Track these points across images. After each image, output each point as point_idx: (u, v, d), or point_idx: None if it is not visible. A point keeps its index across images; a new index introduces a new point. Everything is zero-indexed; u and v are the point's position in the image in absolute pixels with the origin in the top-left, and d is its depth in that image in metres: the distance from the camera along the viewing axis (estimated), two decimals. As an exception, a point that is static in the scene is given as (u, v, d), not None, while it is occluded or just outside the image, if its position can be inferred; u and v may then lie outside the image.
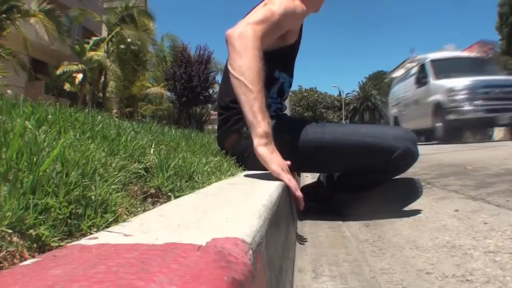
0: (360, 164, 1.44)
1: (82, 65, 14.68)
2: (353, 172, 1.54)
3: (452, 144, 6.54)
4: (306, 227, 1.42)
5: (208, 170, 1.06)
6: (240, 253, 0.39)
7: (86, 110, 1.41)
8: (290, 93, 2.16)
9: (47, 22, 12.21)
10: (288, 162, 1.10)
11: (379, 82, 58.65)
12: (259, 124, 1.06)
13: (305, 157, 1.41)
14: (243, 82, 1.09)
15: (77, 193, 0.50)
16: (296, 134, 1.42)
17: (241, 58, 1.11)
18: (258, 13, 1.24)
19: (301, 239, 1.18)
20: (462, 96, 7.10)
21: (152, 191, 0.75)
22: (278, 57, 1.43)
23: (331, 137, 1.40)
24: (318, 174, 1.88)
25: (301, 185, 1.86)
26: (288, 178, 1.04)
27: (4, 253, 0.37)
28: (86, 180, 0.53)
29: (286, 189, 1.01)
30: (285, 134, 1.41)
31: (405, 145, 1.38)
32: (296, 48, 1.56)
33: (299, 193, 1.07)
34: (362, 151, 1.39)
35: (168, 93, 19.22)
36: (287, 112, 1.79)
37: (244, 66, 1.10)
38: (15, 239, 0.39)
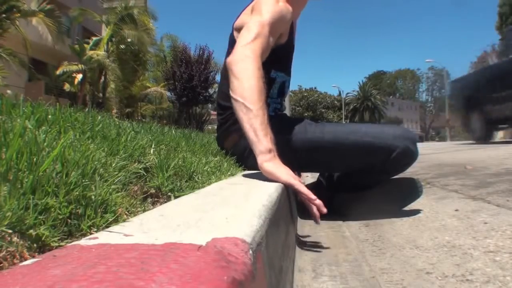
0: (359, 164, 1.44)
1: (82, 65, 14.68)
2: (353, 172, 1.54)
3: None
4: (306, 227, 1.42)
5: (208, 170, 1.06)
6: (240, 253, 0.39)
7: (86, 110, 1.41)
8: (290, 93, 2.16)
9: (48, 21, 12.19)
10: (298, 178, 1.07)
11: (379, 82, 58.78)
12: (261, 141, 1.04)
13: (305, 157, 1.41)
14: (242, 103, 1.08)
15: (77, 193, 0.50)
16: (296, 134, 1.42)
17: (241, 81, 1.11)
18: (251, 30, 1.23)
19: (303, 245, 1.16)
20: None
21: (152, 191, 0.75)
22: (271, 57, 1.43)
23: (330, 136, 1.40)
24: (318, 174, 1.88)
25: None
26: (304, 188, 1.03)
27: (4, 253, 0.37)
28: (86, 180, 0.53)
29: (286, 189, 1.01)
30: (285, 134, 1.41)
31: (404, 144, 1.38)
32: (288, 46, 1.54)
33: (317, 201, 1.03)
34: (361, 150, 1.39)
35: (168, 93, 19.24)
36: (287, 112, 1.79)
37: (244, 88, 1.09)
38: (15, 239, 0.39)
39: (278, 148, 1.10)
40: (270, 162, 1.03)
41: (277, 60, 1.50)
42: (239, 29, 1.37)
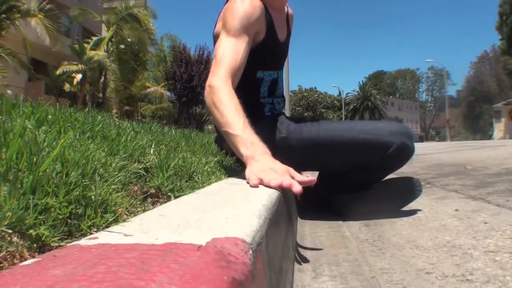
0: (356, 161, 1.44)
1: (82, 65, 14.68)
2: (351, 169, 1.53)
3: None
4: (306, 227, 1.42)
5: (208, 170, 1.06)
6: (240, 253, 0.39)
7: (86, 110, 1.41)
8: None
9: (47, 23, 12.18)
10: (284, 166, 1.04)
11: (379, 82, 58.79)
12: (241, 155, 1.05)
13: (302, 156, 1.41)
14: (227, 131, 1.09)
15: (77, 193, 0.50)
16: (292, 133, 1.42)
17: (217, 111, 1.12)
18: (215, 56, 1.25)
19: (302, 259, 1.11)
20: None
21: (152, 191, 0.75)
22: (255, 59, 1.38)
23: (326, 134, 1.41)
24: (317, 173, 1.88)
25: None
26: (275, 182, 0.85)
27: (4, 253, 0.37)
28: (86, 180, 0.53)
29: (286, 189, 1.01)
30: (280, 134, 1.42)
31: (400, 140, 1.39)
32: (271, 42, 1.48)
33: (286, 183, 0.85)
34: (358, 147, 1.39)
35: (168, 93, 19.24)
36: (287, 112, 1.79)
37: (222, 118, 1.11)
38: (15, 239, 0.39)
39: (277, 148, 1.10)
40: (247, 168, 0.98)
41: (261, 59, 1.47)
42: (216, 38, 1.38)
